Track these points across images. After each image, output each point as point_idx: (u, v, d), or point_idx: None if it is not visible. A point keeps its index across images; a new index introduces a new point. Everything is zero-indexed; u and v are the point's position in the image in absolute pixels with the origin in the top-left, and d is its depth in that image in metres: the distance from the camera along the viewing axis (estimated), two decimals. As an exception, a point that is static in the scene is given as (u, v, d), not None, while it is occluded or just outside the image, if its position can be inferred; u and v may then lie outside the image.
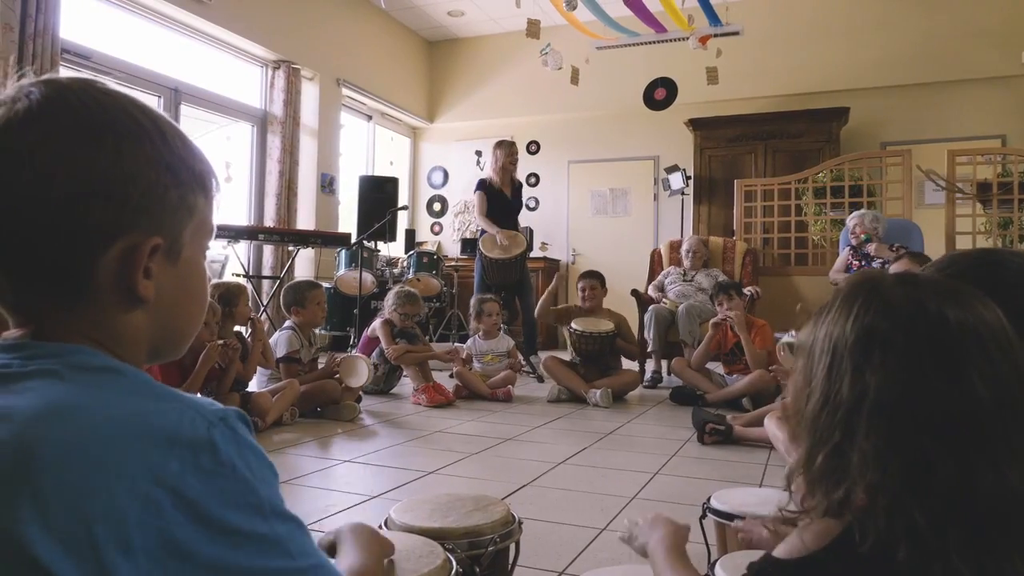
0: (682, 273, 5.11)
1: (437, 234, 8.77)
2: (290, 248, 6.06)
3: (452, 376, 4.40)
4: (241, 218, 6.41)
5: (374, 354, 4.08)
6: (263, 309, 5.62)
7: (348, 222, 7.30)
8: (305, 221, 6.71)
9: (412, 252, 6.70)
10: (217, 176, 0.65)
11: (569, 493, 2.17)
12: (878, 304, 0.64)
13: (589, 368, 4.20)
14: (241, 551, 0.51)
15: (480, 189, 5.28)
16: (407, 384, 4.17)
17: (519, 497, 2.11)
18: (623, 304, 4.97)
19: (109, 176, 0.55)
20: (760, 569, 0.65)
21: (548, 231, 8.14)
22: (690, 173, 7.11)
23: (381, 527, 1.23)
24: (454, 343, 5.92)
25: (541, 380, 4.81)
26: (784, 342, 3.09)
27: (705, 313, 4.48)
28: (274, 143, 6.46)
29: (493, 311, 4.43)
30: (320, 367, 3.67)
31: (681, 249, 5.27)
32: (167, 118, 0.61)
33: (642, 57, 7.26)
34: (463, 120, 8.60)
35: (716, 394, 3.90)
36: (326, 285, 4.53)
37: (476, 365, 4.34)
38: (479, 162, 8.30)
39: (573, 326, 4.21)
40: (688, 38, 5.83)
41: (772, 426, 2.65)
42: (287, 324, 3.65)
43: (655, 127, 7.56)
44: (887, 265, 4.22)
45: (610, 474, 2.41)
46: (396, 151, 8.74)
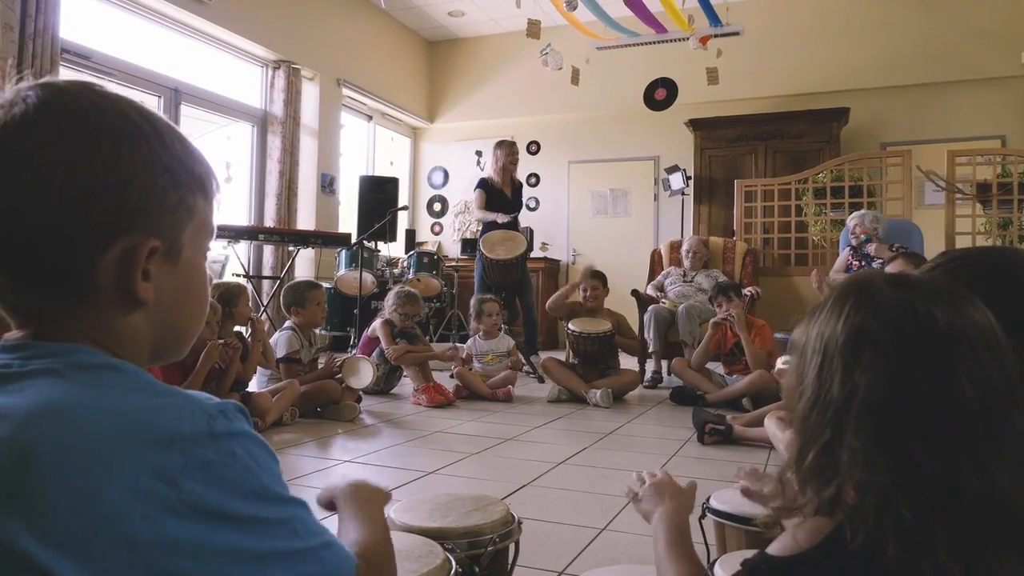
0: (682, 274, 5.11)
1: (437, 234, 8.77)
2: (290, 248, 6.06)
3: (452, 376, 4.40)
4: (241, 218, 6.41)
5: (374, 354, 4.08)
6: (263, 309, 5.62)
7: (348, 222, 7.31)
8: (305, 221, 6.71)
9: (412, 252, 6.70)
10: (217, 177, 0.65)
11: (569, 493, 2.17)
12: (868, 304, 0.65)
13: (588, 368, 4.20)
14: (249, 536, 0.53)
15: (480, 188, 5.29)
16: (407, 384, 4.17)
17: (519, 497, 2.11)
18: (623, 304, 4.97)
19: (106, 178, 0.55)
20: (754, 566, 0.65)
21: (548, 231, 8.15)
22: (690, 173, 7.12)
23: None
24: (454, 343, 5.92)
25: (541, 380, 4.81)
26: (781, 364, 3.11)
27: (705, 313, 4.47)
28: (274, 143, 6.46)
29: (493, 311, 4.43)
30: (320, 367, 3.67)
31: (681, 249, 5.27)
32: (166, 120, 0.61)
33: (642, 57, 7.26)
34: (463, 120, 8.60)
35: (716, 394, 3.90)
36: (326, 285, 4.53)
37: (476, 365, 4.34)
38: (479, 162, 8.30)
39: (570, 327, 4.21)
40: (688, 38, 5.83)
41: (772, 426, 2.65)
42: (287, 324, 3.65)
43: (655, 127, 7.56)
44: (885, 266, 4.22)
45: (610, 474, 2.41)
46: (396, 151, 8.74)
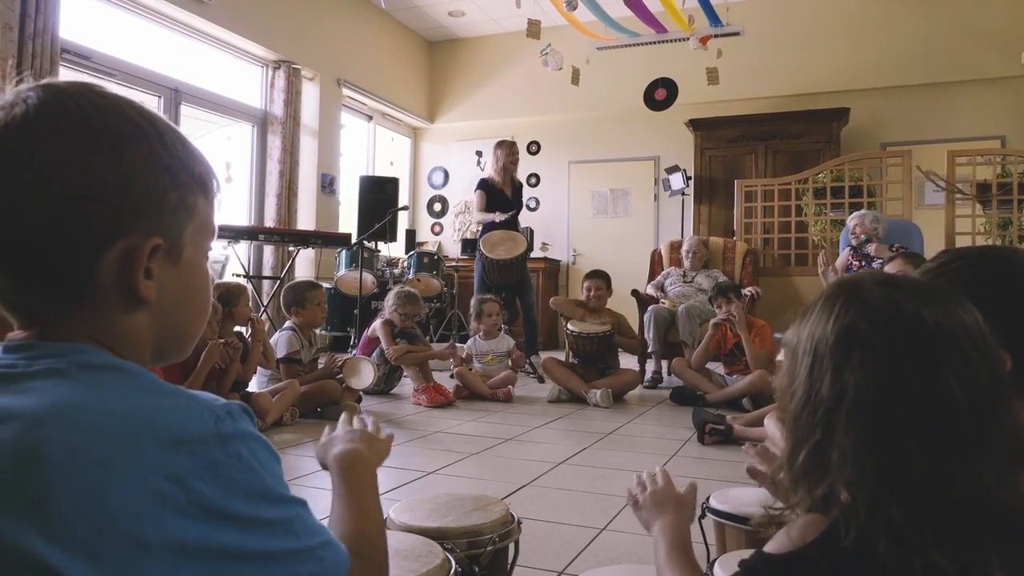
0: (682, 274, 5.11)
1: (437, 234, 8.77)
2: (290, 248, 6.06)
3: (452, 376, 4.40)
4: (241, 218, 6.41)
5: (374, 354, 4.08)
6: (263, 309, 5.62)
7: (348, 222, 7.31)
8: (305, 221, 6.71)
9: (412, 252, 6.70)
10: (217, 177, 0.65)
11: (569, 493, 2.17)
12: (857, 305, 0.66)
13: (588, 368, 4.20)
14: (252, 537, 0.53)
15: (480, 188, 5.29)
16: (407, 384, 4.17)
17: (519, 497, 2.11)
18: (623, 304, 4.97)
19: (107, 178, 0.55)
20: (751, 566, 0.66)
21: (549, 231, 8.15)
22: (690, 173, 7.11)
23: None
24: (454, 342, 5.92)
25: (541, 380, 4.81)
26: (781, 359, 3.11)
27: (705, 314, 4.47)
28: (274, 143, 6.46)
29: (493, 311, 4.43)
30: (320, 367, 3.67)
31: (681, 250, 5.26)
32: (166, 120, 0.61)
33: (642, 57, 7.26)
34: (464, 120, 8.60)
35: (716, 394, 3.89)
36: (326, 285, 4.53)
37: (476, 365, 4.34)
38: (479, 162, 8.30)
39: (569, 327, 4.21)
40: (688, 38, 5.83)
41: (772, 426, 2.65)
42: (287, 324, 3.65)
43: (655, 127, 7.56)
44: (885, 267, 4.22)
45: (610, 474, 2.41)
46: (396, 151, 8.74)
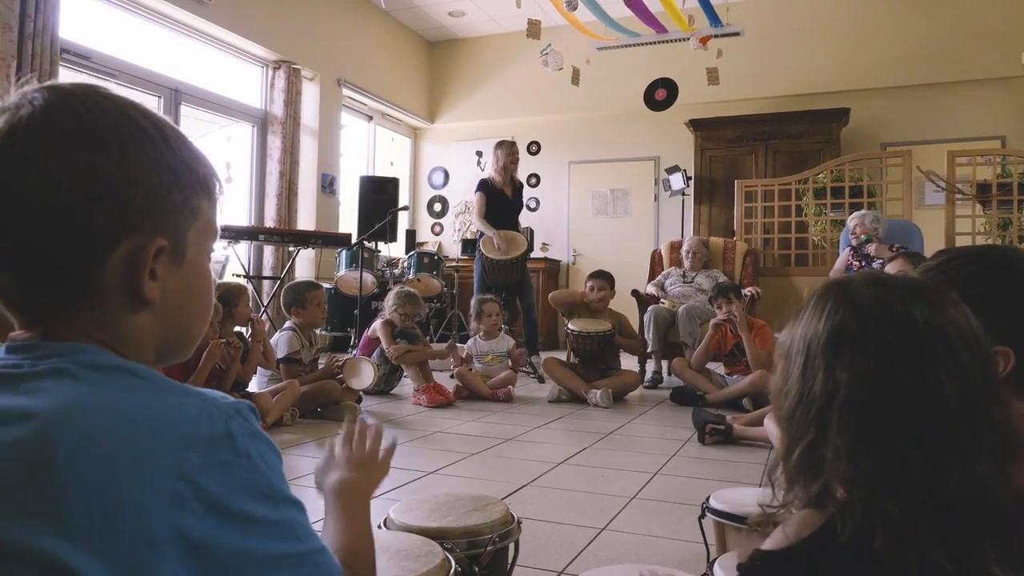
0: (682, 274, 5.11)
1: (438, 235, 8.77)
2: (290, 248, 6.06)
3: (452, 376, 4.40)
4: (241, 219, 6.41)
5: (374, 354, 4.08)
6: (263, 310, 5.62)
7: (348, 222, 7.31)
8: (305, 221, 6.71)
9: (413, 253, 6.70)
10: (220, 179, 0.65)
11: (569, 493, 2.17)
12: (847, 304, 0.67)
13: (588, 368, 4.20)
14: (257, 537, 0.53)
15: (481, 190, 5.28)
16: (407, 384, 4.17)
17: (519, 497, 2.11)
18: (624, 304, 4.97)
19: (113, 180, 0.55)
20: (749, 567, 0.66)
21: (549, 232, 8.15)
22: (691, 174, 7.11)
23: (380, 527, 1.24)
24: (454, 342, 5.92)
25: (542, 380, 4.81)
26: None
27: (705, 314, 4.47)
28: (274, 143, 6.46)
29: (493, 311, 4.43)
30: (320, 367, 3.67)
31: (681, 250, 5.26)
32: (170, 122, 0.61)
33: (643, 57, 7.26)
34: (464, 120, 8.60)
35: (716, 394, 3.89)
36: (326, 286, 4.54)
37: (476, 365, 4.34)
38: (480, 162, 8.30)
39: (570, 327, 4.21)
40: (689, 39, 5.83)
41: (772, 426, 2.65)
42: (287, 325, 3.65)
43: (656, 127, 7.56)
44: (885, 266, 4.22)
45: (610, 474, 2.41)
46: (397, 151, 8.74)
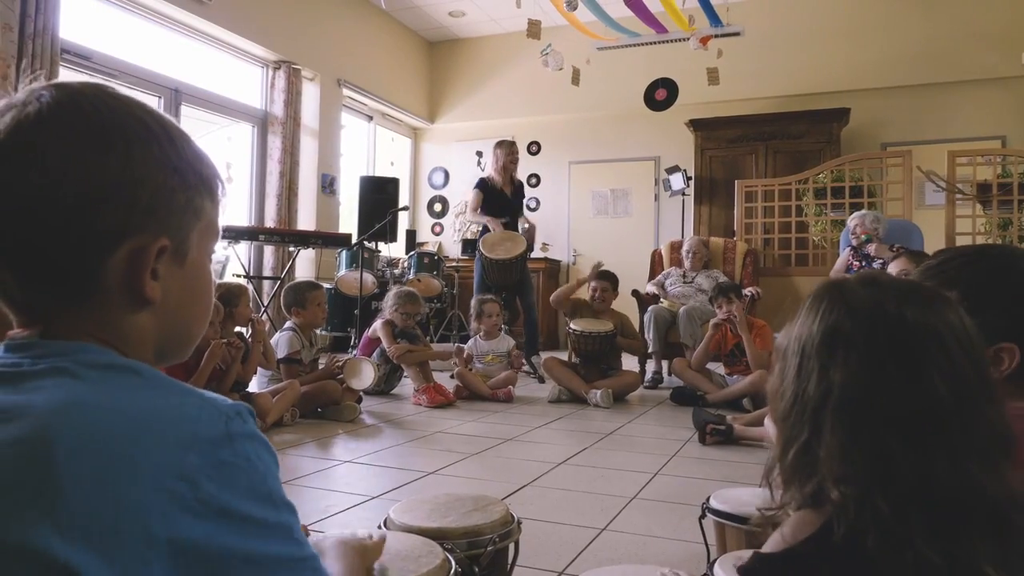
0: (682, 274, 5.11)
1: (438, 235, 8.77)
2: (291, 249, 6.06)
3: (453, 376, 4.40)
4: (242, 219, 6.41)
5: (375, 354, 4.08)
6: (264, 310, 5.62)
7: (349, 223, 7.31)
8: (306, 222, 6.71)
9: (413, 253, 6.70)
10: (223, 180, 0.65)
11: (569, 493, 2.17)
12: (841, 305, 0.67)
13: (589, 369, 4.20)
14: (257, 539, 0.53)
15: (478, 187, 5.29)
16: (408, 385, 4.17)
17: (519, 497, 2.11)
18: (624, 305, 4.97)
19: (119, 179, 0.55)
20: (748, 569, 0.66)
21: (549, 232, 8.14)
22: (691, 174, 7.11)
23: (380, 527, 1.24)
24: (455, 343, 5.92)
25: (542, 381, 4.81)
26: None
27: (706, 315, 4.47)
28: (275, 144, 6.46)
29: (493, 311, 4.43)
30: (320, 368, 3.67)
31: (681, 250, 5.26)
32: (174, 122, 0.61)
33: (643, 58, 7.26)
34: (464, 121, 8.60)
35: (717, 394, 3.89)
36: (327, 286, 4.53)
37: (477, 365, 4.34)
38: (480, 163, 8.30)
39: (572, 326, 4.21)
40: (689, 39, 5.83)
41: (772, 426, 2.65)
42: (288, 325, 3.65)
43: (656, 128, 7.56)
44: (887, 266, 4.22)
45: (610, 474, 2.41)
46: (397, 152, 8.74)
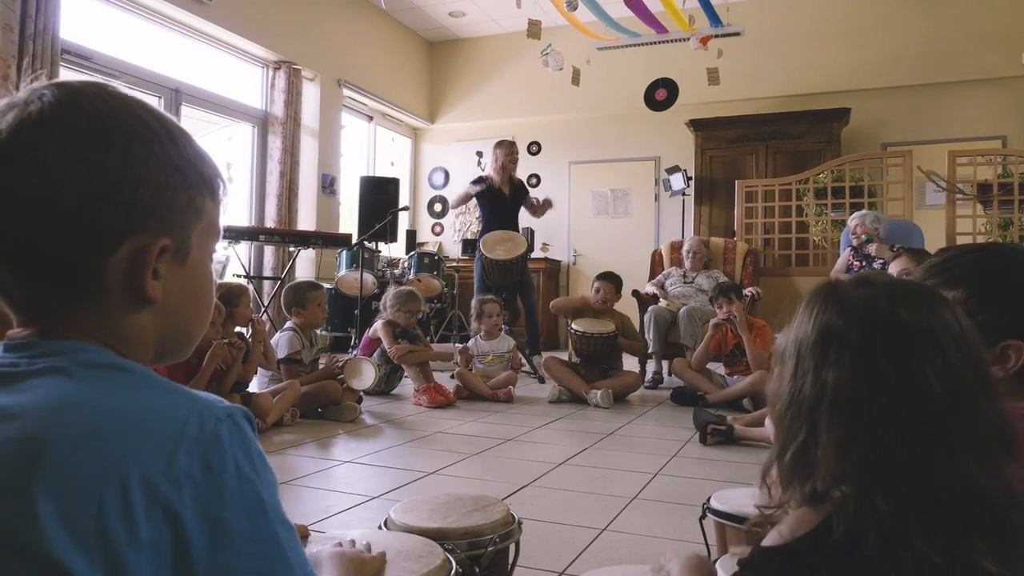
0: (683, 274, 5.11)
1: (438, 235, 8.77)
2: (291, 249, 6.06)
3: (453, 377, 4.40)
4: (242, 219, 6.41)
5: (375, 355, 4.08)
6: (264, 310, 5.62)
7: (349, 223, 7.31)
8: (306, 222, 6.71)
9: (413, 253, 6.70)
10: (224, 179, 0.65)
11: (569, 494, 2.17)
12: (835, 305, 0.68)
13: (590, 369, 4.19)
14: (241, 552, 0.51)
15: (473, 182, 5.31)
16: (408, 385, 4.17)
17: (519, 497, 2.11)
18: (624, 305, 4.96)
19: (120, 178, 0.55)
20: (748, 562, 0.66)
21: (549, 232, 8.13)
22: (691, 174, 7.11)
23: (381, 527, 1.23)
24: (456, 344, 5.92)
25: (542, 381, 4.81)
26: None
27: (706, 315, 4.46)
28: (275, 144, 6.46)
29: (494, 312, 4.43)
30: (321, 368, 3.67)
31: (682, 250, 5.26)
32: (175, 121, 0.61)
33: (643, 58, 7.26)
34: (464, 121, 8.60)
35: (717, 395, 3.89)
36: (327, 286, 4.53)
37: (477, 366, 4.34)
38: (480, 163, 8.30)
39: (574, 327, 4.20)
40: (689, 39, 5.83)
41: (772, 427, 2.65)
42: (288, 325, 3.65)
43: (656, 128, 7.56)
44: (887, 266, 4.22)
45: (610, 475, 2.40)
46: (397, 152, 8.74)
